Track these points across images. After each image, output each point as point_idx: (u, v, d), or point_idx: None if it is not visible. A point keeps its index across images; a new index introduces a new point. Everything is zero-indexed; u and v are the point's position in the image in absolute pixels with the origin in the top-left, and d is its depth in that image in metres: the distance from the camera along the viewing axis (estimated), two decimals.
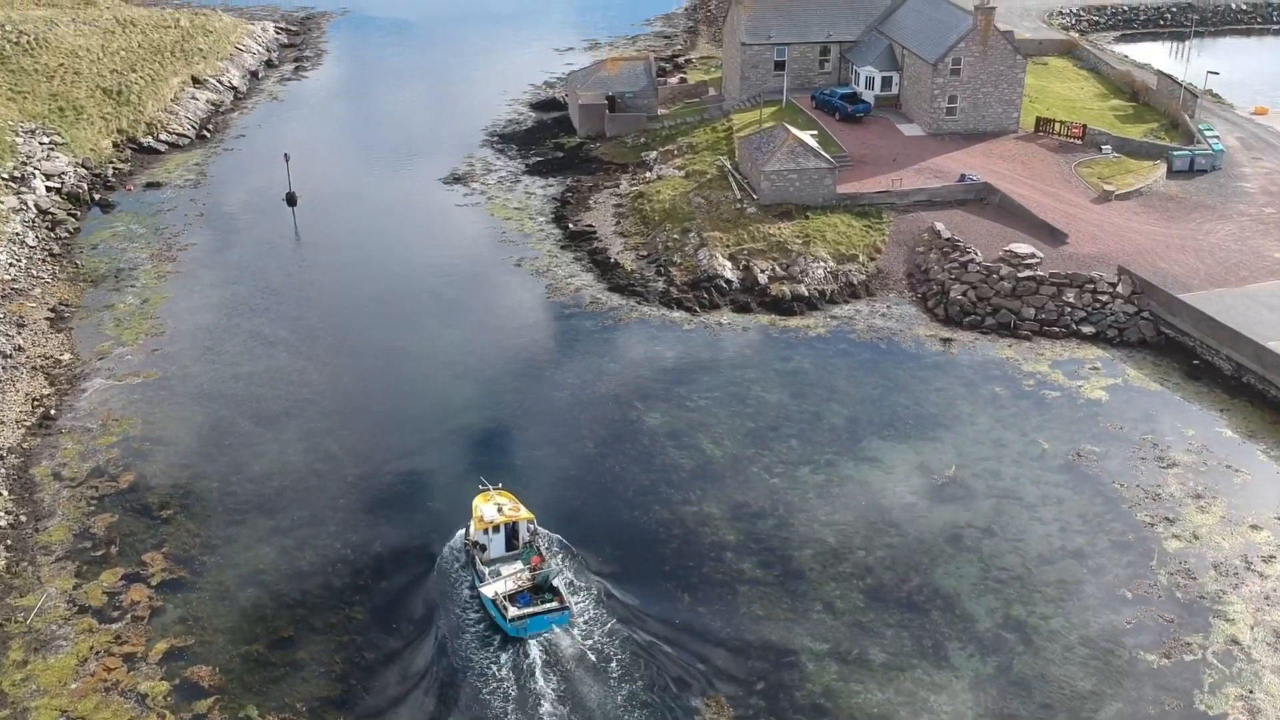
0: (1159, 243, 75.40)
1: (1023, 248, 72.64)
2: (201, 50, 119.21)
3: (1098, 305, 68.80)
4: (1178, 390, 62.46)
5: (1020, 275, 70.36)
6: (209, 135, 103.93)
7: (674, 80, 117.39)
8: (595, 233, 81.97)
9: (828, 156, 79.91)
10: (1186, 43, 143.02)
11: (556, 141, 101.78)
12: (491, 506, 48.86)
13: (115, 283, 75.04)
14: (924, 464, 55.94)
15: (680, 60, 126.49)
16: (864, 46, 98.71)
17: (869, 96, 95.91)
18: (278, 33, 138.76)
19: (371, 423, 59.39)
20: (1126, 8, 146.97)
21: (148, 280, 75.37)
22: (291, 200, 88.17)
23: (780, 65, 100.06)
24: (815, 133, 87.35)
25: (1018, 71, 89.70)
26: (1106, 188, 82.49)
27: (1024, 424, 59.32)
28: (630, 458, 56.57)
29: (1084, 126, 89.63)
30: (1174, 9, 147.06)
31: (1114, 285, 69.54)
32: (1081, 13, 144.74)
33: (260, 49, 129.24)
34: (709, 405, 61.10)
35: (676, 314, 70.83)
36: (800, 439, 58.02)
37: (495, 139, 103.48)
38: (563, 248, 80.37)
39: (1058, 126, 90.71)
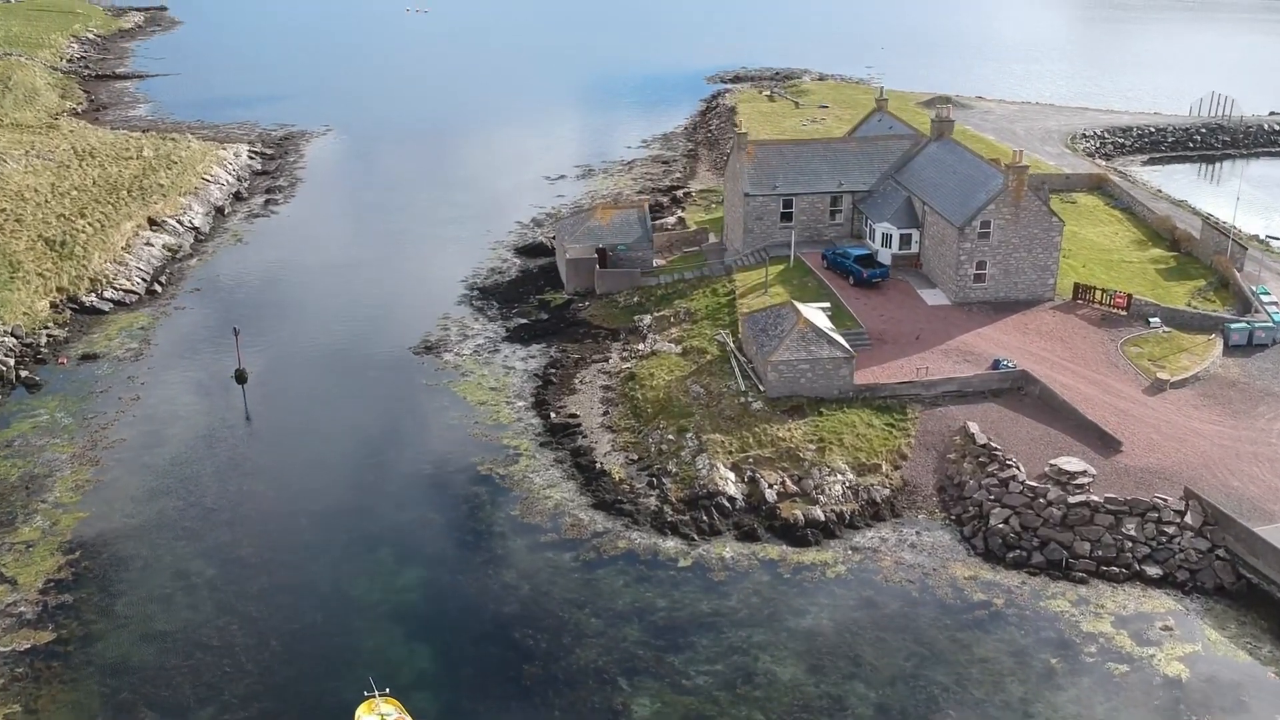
0: (1226, 450, 65.44)
1: (1072, 463, 62.67)
2: (162, 186, 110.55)
3: (1163, 540, 58.64)
4: (1270, 663, 52.06)
5: (1071, 501, 60.28)
6: (161, 289, 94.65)
7: (671, 220, 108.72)
8: (580, 426, 72.16)
9: (843, 343, 70.28)
10: (1217, 165, 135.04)
11: (541, 298, 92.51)
12: (374, 718, 44.40)
13: (25, 497, 64.96)
14: None
15: (679, 193, 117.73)
16: (879, 198, 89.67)
17: (886, 255, 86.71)
18: (251, 157, 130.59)
19: (299, 714, 48.98)
20: (1153, 129, 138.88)
21: (63, 493, 65.34)
22: (241, 378, 78.81)
23: (787, 216, 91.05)
24: (827, 305, 77.90)
25: (1054, 235, 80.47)
26: (1160, 375, 72.72)
27: (1090, 714, 48.86)
28: None
29: (1129, 296, 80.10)
30: (1203, 130, 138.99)
31: (1181, 514, 59.42)
32: (1106, 134, 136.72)
33: (230, 179, 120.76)
34: (709, 685, 50.74)
35: (670, 543, 60.66)
36: None
37: (475, 293, 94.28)
38: (542, 445, 70.49)
39: (1099, 294, 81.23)
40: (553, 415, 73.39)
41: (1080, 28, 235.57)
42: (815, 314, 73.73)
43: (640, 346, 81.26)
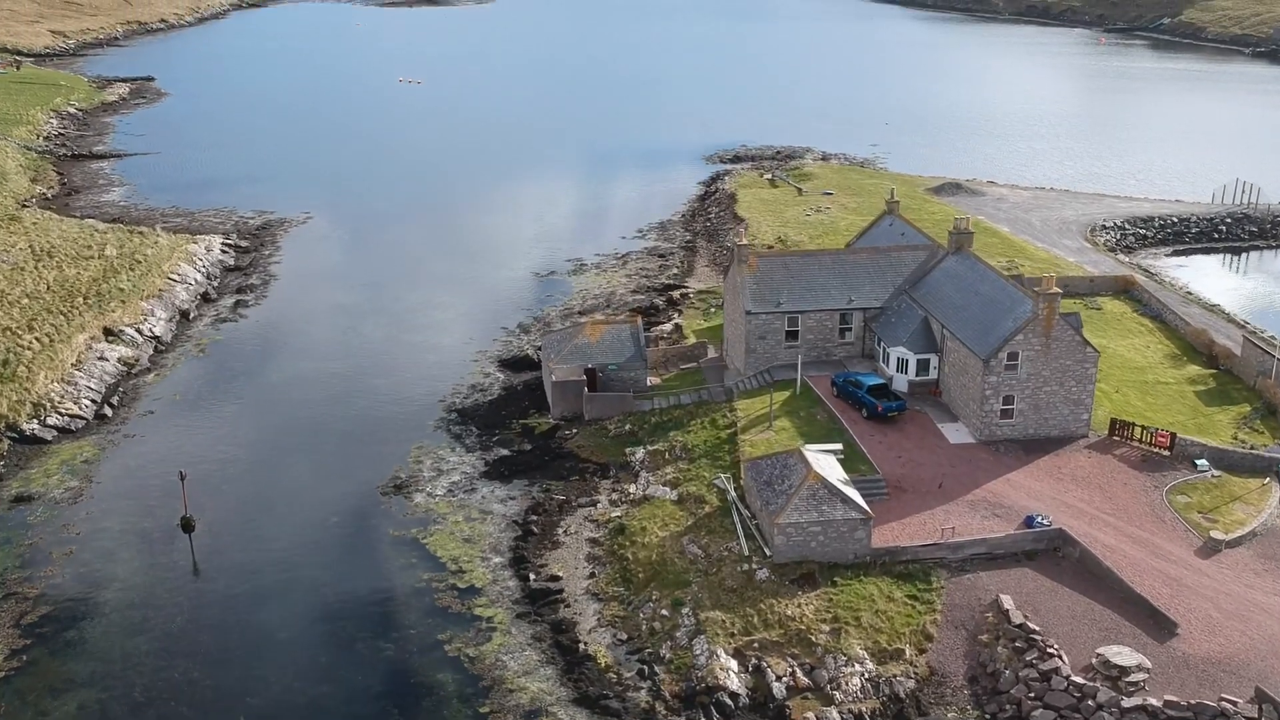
0: None
1: (1123, 655, 54.67)
2: (122, 290, 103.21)
3: None
4: None
5: (1125, 704, 52.18)
6: (112, 412, 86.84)
7: (668, 327, 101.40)
8: (562, 592, 64.20)
9: (859, 502, 62.40)
10: (1244, 256, 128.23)
11: (525, 423, 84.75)
12: None
13: None
14: None
15: (676, 294, 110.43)
16: (893, 317, 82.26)
17: (901, 381, 79.21)
18: (224, 251, 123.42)
19: None
20: (1175, 219, 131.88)
21: None
22: (187, 526, 71.04)
23: (793, 335, 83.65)
24: (839, 447, 70.16)
25: (1088, 367, 72.95)
26: (1214, 534, 64.85)
27: None
28: None
29: (1172, 436, 72.35)
30: (1228, 220, 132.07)
31: None
32: (1127, 225, 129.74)
33: (199, 277, 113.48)
34: None
35: None
36: None
37: (453, 416, 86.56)
38: (519, 616, 62.45)
39: (1139, 432, 73.50)
40: (532, 577, 65.47)
41: (1085, 99, 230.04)
42: (826, 462, 65.91)
43: (631, 488, 73.55)
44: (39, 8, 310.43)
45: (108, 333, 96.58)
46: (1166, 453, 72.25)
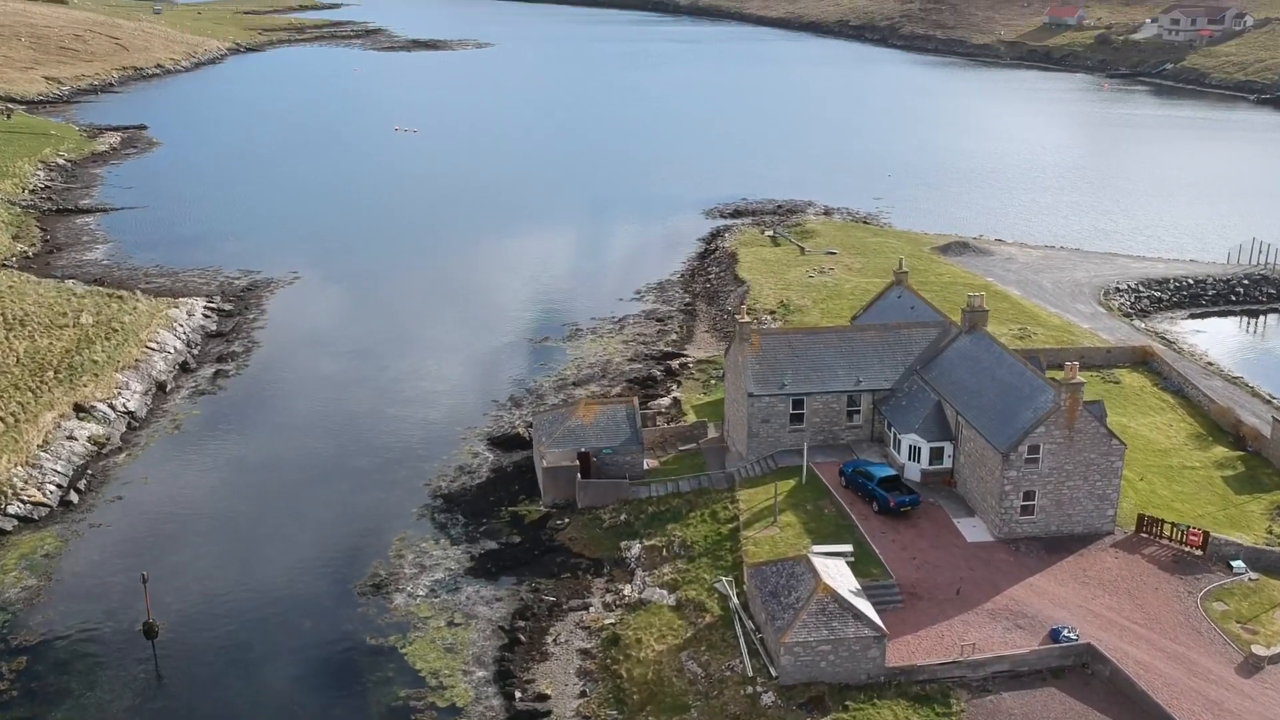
0: None
1: None
2: (96, 363, 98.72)
3: None
4: None
5: None
6: (78, 498, 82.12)
7: (666, 401, 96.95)
8: (550, 714, 59.33)
9: (873, 617, 57.63)
10: (1263, 319, 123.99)
11: (514, 510, 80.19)
12: None
13: None
14: None
15: (674, 364, 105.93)
16: (904, 400, 77.74)
17: (914, 470, 74.61)
18: (206, 315, 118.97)
19: None
20: (1191, 281, 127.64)
21: None
22: (150, 632, 66.30)
23: (797, 418, 79.12)
24: (849, 549, 65.52)
25: (1113, 460, 68.33)
26: (1255, 648, 59.99)
27: None
28: None
29: (1205, 534, 67.64)
30: (1245, 281, 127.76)
31: None
32: (1141, 287, 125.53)
33: (179, 344, 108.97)
34: None
35: None
36: None
37: (438, 502, 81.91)
38: None
39: (1169, 529, 68.80)
40: (518, 695, 60.59)
41: (1090, 149, 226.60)
42: (836, 569, 61.22)
43: (626, 589, 68.84)
44: (34, 54, 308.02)
45: (78, 409, 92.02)
46: (1199, 552, 67.53)
